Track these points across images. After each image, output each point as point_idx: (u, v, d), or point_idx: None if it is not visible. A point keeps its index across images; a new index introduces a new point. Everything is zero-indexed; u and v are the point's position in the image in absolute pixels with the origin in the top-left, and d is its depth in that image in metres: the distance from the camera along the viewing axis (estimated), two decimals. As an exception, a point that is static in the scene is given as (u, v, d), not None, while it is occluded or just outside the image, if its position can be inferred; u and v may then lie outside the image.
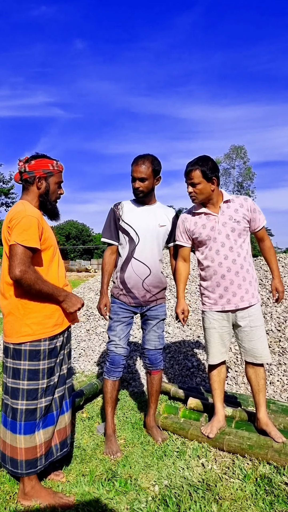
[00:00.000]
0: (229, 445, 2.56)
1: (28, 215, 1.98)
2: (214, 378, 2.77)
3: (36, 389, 2.00)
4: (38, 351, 2.01)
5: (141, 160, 2.63)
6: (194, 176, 2.56)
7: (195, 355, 4.24)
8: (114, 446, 2.59)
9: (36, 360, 2.01)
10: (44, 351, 2.03)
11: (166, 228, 2.75)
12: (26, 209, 2.01)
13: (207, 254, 2.64)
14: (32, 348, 2.00)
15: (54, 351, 2.09)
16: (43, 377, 2.03)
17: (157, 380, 2.85)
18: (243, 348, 2.69)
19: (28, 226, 1.94)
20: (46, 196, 2.17)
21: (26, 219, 1.96)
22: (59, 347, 2.12)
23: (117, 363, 2.69)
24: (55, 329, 2.08)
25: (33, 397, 2.00)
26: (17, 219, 1.95)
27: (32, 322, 2.00)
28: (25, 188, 2.16)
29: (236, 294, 2.59)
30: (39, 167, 2.12)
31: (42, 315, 2.03)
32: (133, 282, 2.68)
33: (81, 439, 2.77)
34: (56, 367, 2.12)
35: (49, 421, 2.07)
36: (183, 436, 2.78)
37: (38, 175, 2.12)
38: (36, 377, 2.01)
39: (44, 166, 2.14)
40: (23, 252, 1.91)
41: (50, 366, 2.07)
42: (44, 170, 2.13)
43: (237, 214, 2.61)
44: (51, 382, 2.08)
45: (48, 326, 2.04)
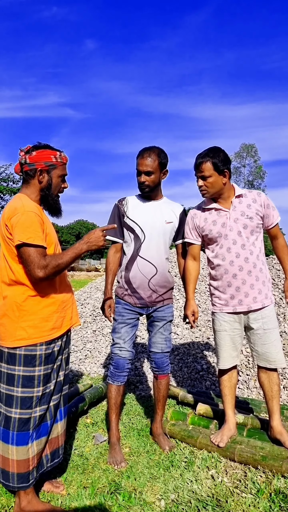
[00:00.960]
0: (241, 456, 2.40)
1: (28, 211, 1.83)
2: (225, 384, 2.61)
3: (30, 397, 1.87)
4: (33, 357, 1.88)
5: (146, 152, 2.48)
6: (204, 168, 2.40)
7: (205, 358, 4.08)
8: (118, 455, 2.44)
9: (31, 366, 1.87)
10: (40, 356, 1.89)
11: (173, 224, 2.60)
12: (24, 204, 1.87)
13: (218, 252, 2.48)
14: (27, 353, 1.87)
15: (51, 356, 1.95)
16: (38, 384, 1.89)
17: (164, 385, 2.70)
18: (255, 352, 2.52)
19: (30, 223, 1.81)
20: (48, 190, 2.00)
21: (27, 215, 1.82)
22: (57, 352, 1.98)
23: (122, 367, 2.54)
24: (53, 333, 1.94)
25: (27, 405, 1.86)
26: (16, 216, 1.81)
27: (27, 325, 1.86)
28: (25, 181, 2.00)
29: (249, 295, 2.43)
30: (40, 159, 1.96)
31: (39, 318, 1.89)
32: (139, 281, 2.53)
33: (83, 447, 2.63)
34: (53, 374, 1.97)
35: (42, 431, 1.93)
36: (191, 444, 2.62)
37: (40, 167, 1.95)
38: (31, 384, 1.87)
39: (46, 158, 1.97)
40: (35, 252, 1.78)
41: (46, 372, 1.93)
42: (46, 163, 1.96)
43: (250, 209, 2.44)
44: (47, 390, 1.94)
45: (45, 330, 1.90)
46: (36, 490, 2.10)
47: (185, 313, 2.64)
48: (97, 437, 2.73)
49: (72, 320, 2.06)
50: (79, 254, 1.91)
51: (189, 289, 2.64)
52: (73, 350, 4.73)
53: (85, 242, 1.94)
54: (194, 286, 2.66)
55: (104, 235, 1.98)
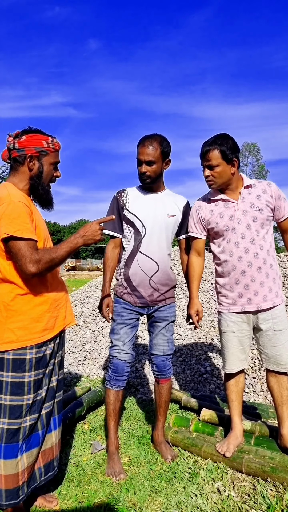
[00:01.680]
0: (249, 467, 2.22)
1: (14, 200, 1.65)
2: (231, 389, 2.44)
3: (20, 405, 1.69)
4: (23, 361, 1.70)
5: (148, 140, 2.31)
6: (211, 157, 2.22)
7: (209, 360, 3.90)
8: (117, 466, 2.27)
9: (21, 372, 1.70)
10: (30, 360, 1.72)
11: (176, 218, 2.42)
12: (10, 193, 1.69)
13: (225, 247, 2.30)
14: (16, 357, 1.69)
15: (43, 360, 1.77)
16: (28, 391, 1.71)
17: (166, 389, 2.53)
18: (264, 355, 2.35)
19: (17, 213, 1.63)
20: (38, 178, 1.82)
21: (13, 205, 1.64)
22: (49, 356, 1.80)
23: (121, 371, 2.37)
24: (44, 334, 1.76)
25: (16, 415, 1.68)
26: (1, 206, 1.63)
27: (16, 326, 1.69)
28: (14, 169, 1.82)
29: (258, 293, 2.25)
30: (31, 144, 1.78)
31: (29, 318, 1.71)
32: (139, 279, 2.35)
33: (80, 456, 2.46)
34: (45, 379, 1.80)
35: (33, 442, 1.76)
36: (195, 453, 2.45)
37: (30, 153, 1.78)
38: (21, 391, 1.69)
39: (37, 143, 1.79)
40: (26, 245, 1.61)
41: (37, 378, 1.75)
42: (37, 148, 1.79)
43: (260, 201, 2.26)
44: (38, 397, 1.76)
45: (35, 332, 1.73)
46: (28, 505, 1.93)
47: (188, 312, 2.47)
48: (95, 445, 2.56)
49: (66, 320, 1.89)
50: (74, 248, 1.75)
51: (193, 286, 2.47)
52: (71, 351, 4.56)
53: (80, 236, 1.77)
54: (198, 284, 2.48)
55: (101, 228, 1.81)
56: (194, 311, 2.43)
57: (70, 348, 4.64)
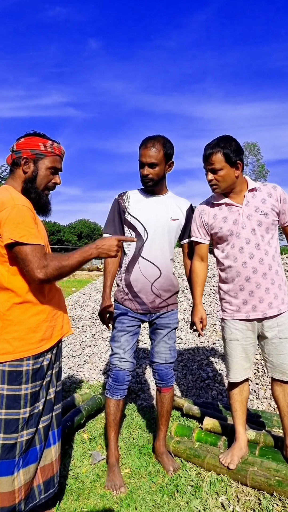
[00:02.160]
0: (254, 480, 2.15)
1: (18, 204, 1.58)
2: (235, 398, 2.36)
3: (16, 419, 1.61)
4: (19, 373, 1.62)
5: (150, 142, 2.23)
6: (215, 160, 2.14)
7: (211, 365, 3.83)
8: (118, 478, 2.19)
9: (17, 384, 1.62)
10: (27, 372, 1.64)
11: (178, 222, 2.35)
12: (13, 197, 1.61)
13: (229, 252, 2.23)
14: (12, 369, 1.61)
15: (40, 372, 1.70)
16: (25, 404, 1.64)
17: (168, 398, 2.45)
18: (270, 363, 2.27)
19: (22, 218, 1.56)
20: (31, 182, 1.74)
21: (18, 209, 1.57)
22: (46, 367, 1.73)
23: (122, 380, 2.30)
24: (42, 345, 1.69)
25: (12, 429, 1.61)
26: (5, 210, 1.55)
27: (12, 337, 1.61)
28: (12, 171, 1.76)
29: (263, 300, 2.18)
30: (27, 146, 1.72)
31: (25, 328, 1.64)
32: (141, 285, 2.28)
33: (79, 467, 2.39)
34: (42, 392, 1.72)
35: (30, 458, 1.68)
36: (198, 465, 2.37)
37: (25, 155, 1.71)
38: (17, 404, 1.62)
39: (34, 145, 1.72)
40: (33, 250, 1.54)
41: (34, 390, 1.67)
42: (32, 150, 1.72)
43: (265, 205, 2.19)
44: (35, 410, 1.69)
45: (32, 342, 1.65)
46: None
47: (192, 320, 2.40)
48: (94, 455, 2.49)
49: (63, 329, 1.81)
50: (87, 259, 1.67)
51: (197, 293, 2.40)
52: (71, 356, 4.48)
53: (96, 247, 1.69)
54: (202, 290, 2.41)
55: (119, 245, 1.74)
56: (198, 319, 2.35)
57: (70, 352, 4.56)
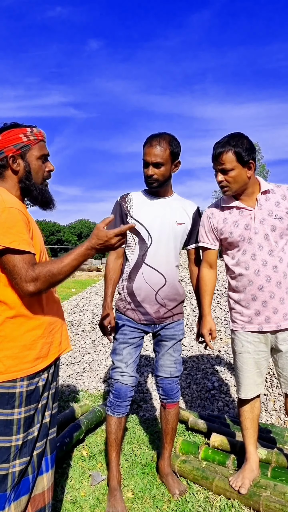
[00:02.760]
0: (268, 506, 1.98)
1: (9, 207, 1.41)
2: (246, 415, 2.20)
3: (8, 447, 1.44)
4: (12, 395, 1.45)
5: (155, 140, 2.06)
6: (225, 160, 1.97)
7: (216, 374, 3.66)
8: (119, 504, 2.02)
9: (9, 408, 1.45)
10: (20, 394, 1.47)
11: (185, 226, 2.18)
12: (4, 199, 1.43)
13: (240, 259, 2.06)
14: (4, 390, 1.44)
15: (35, 394, 1.53)
16: (18, 430, 1.46)
17: (174, 415, 2.28)
18: (284, 378, 2.10)
19: (12, 222, 1.39)
20: (27, 179, 1.57)
21: (8, 212, 1.39)
22: (42, 388, 1.55)
23: (124, 396, 2.13)
24: (37, 364, 1.52)
25: (3, 458, 1.43)
26: None
27: (4, 355, 1.44)
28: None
29: (278, 311, 2.01)
30: (7, 142, 1.53)
31: (20, 346, 1.47)
32: (144, 293, 2.11)
33: (78, 489, 2.21)
34: (37, 416, 1.54)
35: (22, 489, 1.50)
36: (206, 487, 2.20)
37: (10, 153, 1.53)
38: (8, 430, 1.44)
39: (15, 139, 1.53)
40: (21, 260, 1.37)
41: (29, 415, 1.50)
42: (16, 145, 1.53)
43: (279, 208, 2.02)
44: (29, 437, 1.51)
45: (27, 361, 1.48)
46: None
47: (200, 331, 2.23)
48: (94, 476, 2.32)
49: (61, 346, 1.64)
50: (83, 260, 1.46)
51: (205, 303, 2.23)
52: (70, 363, 4.31)
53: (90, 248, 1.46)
54: (211, 300, 2.24)
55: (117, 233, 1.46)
56: (207, 330, 2.19)
57: (68, 358, 4.39)
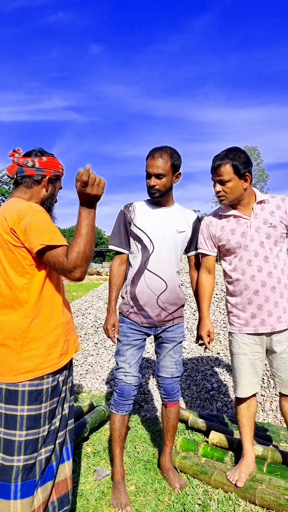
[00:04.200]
0: (263, 499, 2.10)
1: (37, 210, 1.59)
2: (243, 413, 2.32)
3: (36, 439, 1.56)
4: (40, 392, 1.57)
5: (157, 152, 2.20)
6: (223, 171, 2.11)
7: (215, 375, 3.78)
8: (123, 496, 2.14)
9: (38, 403, 1.57)
10: (47, 390, 1.60)
11: (185, 234, 2.31)
12: (30, 205, 1.62)
13: (237, 265, 2.19)
14: (33, 388, 1.56)
15: (57, 388, 1.66)
16: (44, 423, 1.59)
17: (174, 413, 2.41)
18: (278, 378, 2.23)
19: (45, 223, 1.55)
20: (49, 201, 1.83)
21: (39, 215, 1.56)
22: (62, 383, 1.70)
23: (127, 395, 2.25)
24: (61, 360, 1.65)
25: (32, 449, 1.55)
26: (26, 218, 1.52)
27: (33, 354, 1.56)
28: (26, 186, 1.75)
29: (272, 314, 2.14)
30: (51, 167, 1.78)
31: (46, 345, 1.60)
32: (146, 298, 2.24)
33: (83, 484, 2.34)
34: (58, 408, 1.68)
35: (47, 475, 1.63)
36: (205, 482, 2.32)
37: (49, 175, 1.77)
38: (37, 424, 1.56)
39: (56, 167, 1.80)
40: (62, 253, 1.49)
41: (52, 408, 1.63)
42: (55, 172, 1.79)
43: (273, 217, 2.15)
44: (52, 427, 1.64)
45: (53, 357, 1.61)
46: None
47: (199, 334, 2.36)
48: (98, 471, 2.44)
49: (75, 344, 1.79)
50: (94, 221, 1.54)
51: (203, 306, 2.36)
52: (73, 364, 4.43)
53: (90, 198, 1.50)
54: (209, 303, 2.37)
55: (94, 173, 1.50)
56: (205, 333, 2.31)
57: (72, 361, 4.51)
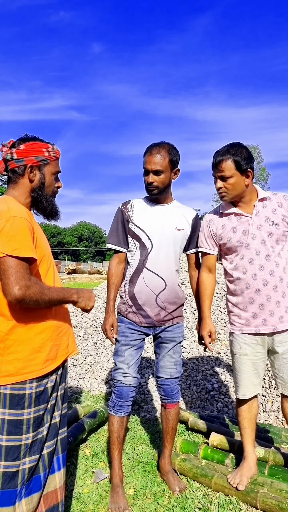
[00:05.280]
0: (264, 502, 2.05)
1: (14, 216, 1.49)
2: (244, 415, 2.27)
3: (18, 446, 1.52)
4: (21, 396, 1.53)
5: (155, 148, 2.15)
6: (225, 167, 2.06)
7: (216, 375, 3.73)
8: (122, 500, 2.10)
9: (19, 408, 1.52)
10: (30, 396, 1.54)
11: (184, 232, 2.26)
12: (10, 208, 1.52)
13: (238, 263, 2.14)
14: (14, 392, 1.52)
15: (44, 394, 1.60)
16: (27, 430, 1.54)
17: (174, 415, 2.36)
18: (280, 379, 2.18)
19: (16, 231, 1.47)
20: (40, 190, 1.67)
21: (13, 222, 1.48)
22: (51, 389, 1.63)
23: (126, 396, 2.20)
24: (46, 366, 1.59)
25: (13, 456, 1.51)
26: (0, 222, 1.47)
27: (15, 358, 1.52)
28: (12, 181, 1.66)
29: (274, 314, 2.09)
30: (31, 153, 1.63)
31: (29, 349, 1.54)
32: (145, 297, 2.19)
33: (81, 487, 2.29)
34: (46, 416, 1.62)
35: (34, 487, 1.58)
36: (205, 485, 2.28)
37: (30, 163, 1.63)
38: (19, 430, 1.52)
39: (38, 151, 1.64)
40: (18, 264, 1.43)
41: (38, 415, 1.58)
42: (37, 157, 1.64)
43: (275, 215, 2.10)
44: (39, 436, 1.59)
45: (36, 363, 1.56)
46: None
47: (200, 334, 2.31)
48: (97, 473, 2.39)
49: (68, 348, 1.72)
50: (66, 299, 1.62)
51: (205, 306, 2.31)
52: (72, 364, 4.39)
53: (77, 293, 1.66)
54: (210, 303, 2.32)
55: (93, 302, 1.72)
56: (206, 332, 2.27)
57: (71, 360, 4.47)
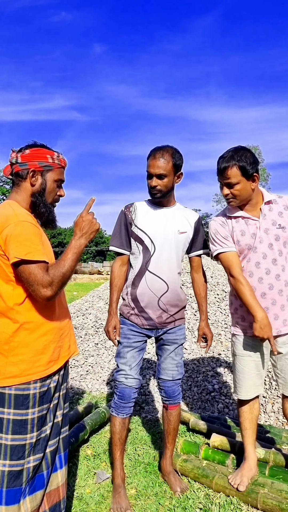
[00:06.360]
0: (265, 503, 2.07)
1: (22, 220, 1.52)
2: (245, 416, 2.29)
3: (23, 445, 1.54)
4: (26, 397, 1.55)
5: (159, 152, 2.17)
6: (231, 174, 2.05)
7: (216, 376, 3.75)
8: (124, 501, 2.12)
9: (24, 408, 1.55)
10: (34, 396, 1.57)
11: (186, 235, 2.28)
12: (16, 213, 1.55)
13: (245, 266, 2.15)
14: (19, 392, 1.54)
15: (47, 394, 1.63)
16: (32, 429, 1.56)
17: (175, 416, 2.38)
18: (282, 380, 2.20)
19: (26, 235, 1.49)
20: (40, 195, 1.68)
21: (22, 226, 1.50)
22: (53, 389, 1.66)
23: (128, 398, 2.23)
24: (49, 366, 1.62)
25: (18, 455, 1.53)
26: (9, 227, 1.49)
27: (19, 360, 1.54)
28: (16, 184, 1.68)
29: (278, 317, 2.11)
30: (34, 158, 1.65)
31: (33, 351, 1.57)
32: (147, 299, 2.21)
33: (83, 487, 2.31)
34: (49, 415, 1.65)
35: (37, 484, 1.61)
36: (206, 485, 2.30)
37: (33, 167, 1.65)
38: (24, 429, 1.54)
39: (42, 157, 1.67)
40: (37, 268, 1.47)
41: (41, 414, 1.60)
42: (40, 163, 1.66)
43: (282, 218, 2.12)
44: (42, 435, 1.61)
45: (40, 364, 1.58)
46: None
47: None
48: (99, 474, 2.41)
49: (70, 350, 1.74)
50: (80, 252, 1.59)
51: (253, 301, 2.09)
52: (73, 365, 4.41)
53: (80, 236, 1.60)
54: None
55: (92, 215, 1.65)
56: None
57: (72, 361, 4.49)
